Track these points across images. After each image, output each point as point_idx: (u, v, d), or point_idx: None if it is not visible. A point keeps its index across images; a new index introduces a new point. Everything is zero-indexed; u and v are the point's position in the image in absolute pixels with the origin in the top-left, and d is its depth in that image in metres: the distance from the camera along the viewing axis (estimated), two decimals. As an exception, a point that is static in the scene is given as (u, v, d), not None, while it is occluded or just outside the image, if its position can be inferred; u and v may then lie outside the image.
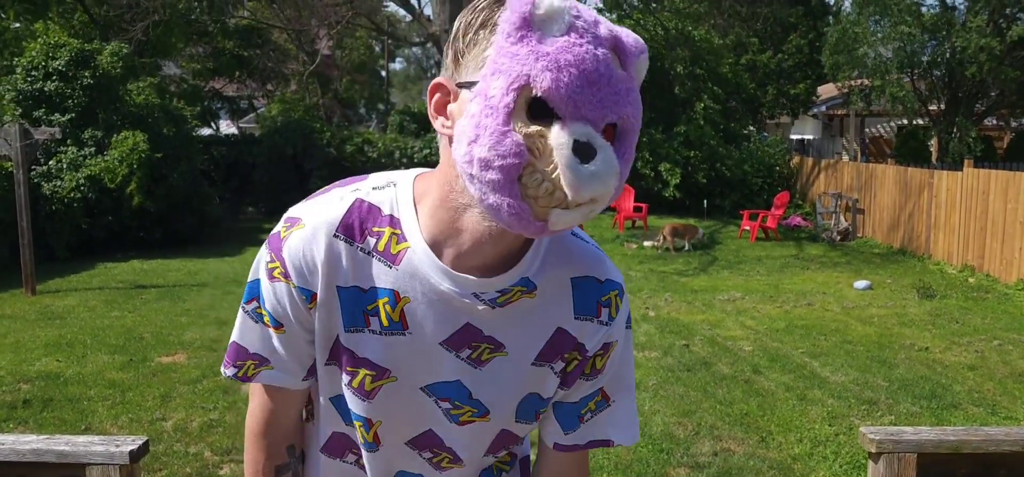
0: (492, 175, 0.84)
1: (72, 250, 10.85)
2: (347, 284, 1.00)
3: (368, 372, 1.03)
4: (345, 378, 1.05)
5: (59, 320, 7.14)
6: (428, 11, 13.93)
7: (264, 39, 17.17)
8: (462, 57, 0.90)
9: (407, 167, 16.89)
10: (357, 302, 1.01)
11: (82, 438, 1.69)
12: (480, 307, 0.99)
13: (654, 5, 16.30)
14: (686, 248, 11.52)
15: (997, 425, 4.63)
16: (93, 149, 11.11)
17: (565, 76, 0.82)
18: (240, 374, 1.06)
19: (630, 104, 0.87)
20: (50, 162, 10.94)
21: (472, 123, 0.85)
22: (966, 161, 10.25)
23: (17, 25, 14.15)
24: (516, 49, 0.84)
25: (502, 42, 0.85)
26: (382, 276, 1.00)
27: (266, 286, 1.02)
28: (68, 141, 11.03)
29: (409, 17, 15.80)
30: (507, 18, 0.85)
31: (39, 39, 11.57)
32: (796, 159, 17.20)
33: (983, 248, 9.42)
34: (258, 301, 1.04)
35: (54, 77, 11.10)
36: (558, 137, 0.82)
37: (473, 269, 0.97)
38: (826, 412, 4.77)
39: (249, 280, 1.06)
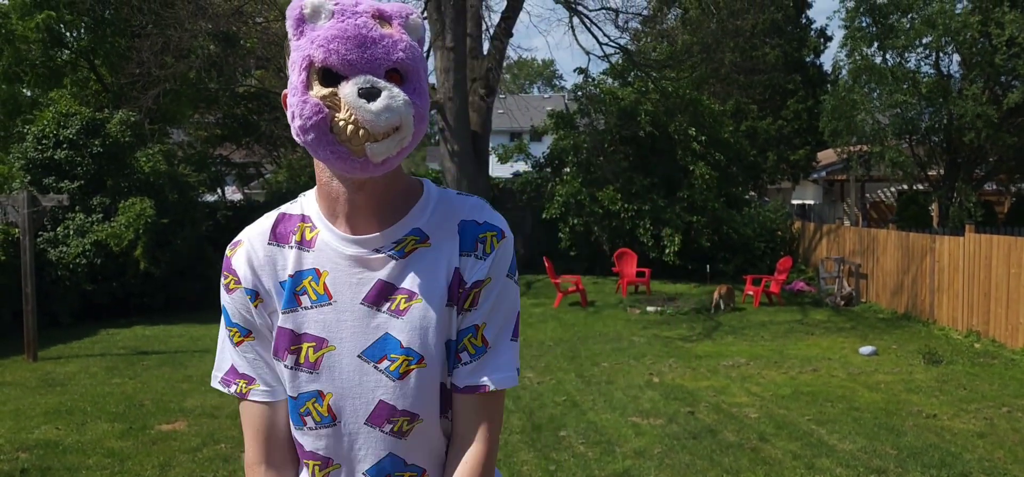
0: (311, 136, 1.08)
1: (75, 316, 10.85)
2: (283, 278, 1.21)
3: (309, 344, 1.19)
4: (289, 360, 1.19)
5: (60, 387, 7.10)
6: (432, 79, 14.16)
7: (273, 105, 17.42)
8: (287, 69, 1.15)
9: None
10: (290, 289, 1.20)
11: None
12: (385, 260, 1.19)
13: (655, 75, 16.57)
14: (730, 308, 12.03)
15: (1008, 495, 4.56)
16: (100, 216, 11.20)
17: (334, 45, 1.07)
18: (236, 391, 1.24)
19: (401, 51, 1.11)
20: (57, 228, 11.02)
21: (289, 109, 1.12)
22: (967, 226, 10.28)
23: (29, 93, 14.40)
24: (299, 42, 1.11)
25: (292, 44, 1.12)
26: (304, 261, 1.21)
27: (227, 301, 1.23)
28: (76, 208, 11.13)
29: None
30: (288, 26, 1.12)
31: (50, 108, 11.76)
32: (797, 224, 17.26)
33: (987, 313, 9.38)
34: (225, 321, 1.24)
35: (64, 145, 11.25)
36: (344, 89, 1.07)
37: (367, 229, 1.19)
38: (834, 481, 4.69)
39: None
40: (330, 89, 1.08)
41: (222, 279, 1.24)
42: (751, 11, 17.01)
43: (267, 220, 1.25)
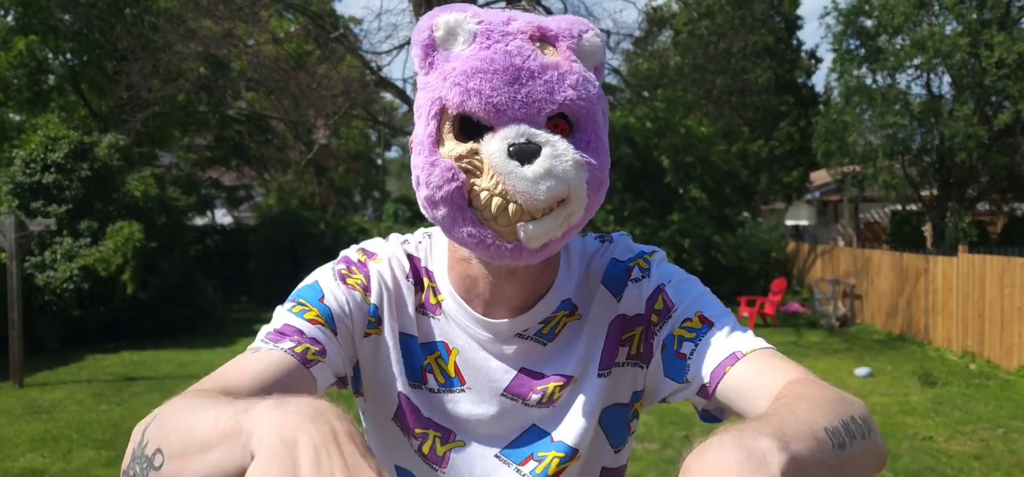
0: (441, 211, 0.80)
1: (62, 341, 10.71)
2: (406, 331, 0.96)
3: (435, 434, 0.95)
4: (414, 443, 0.96)
5: (46, 414, 6.98)
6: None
7: (263, 127, 17.42)
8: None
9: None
10: (413, 355, 0.95)
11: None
12: (530, 345, 0.94)
13: (645, 95, 16.61)
14: None
15: (1009, 519, 4.49)
16: (89, 240, 11.10)
17: (475, 82, 0.77)
18: (300, 350, 0.85)
19: (570, 87, 0.80)
20: (45, 253, 10.92)
21: (413, 171, 0.83)
22: (961, 247, 10.28)
23: (17, 118, 14.33)
24: (428, 79, 0.82)
25: (420, 80, 0.83)
26: (431, 329, 0.96)
27: (333, 287, 0.92)
28: (64, 232, 11.04)
29: (405, 107, 16.09)
30: (414, 54, 0.84)
31: (38, 132, 11.70)
32: (791, 245, 17.26)
33: (982, 334, 9.35)
34: (307, 301, 0.91)
35: (52, 169, 11.17)
36: (489, 146, 0.77)
37: (506, 313, 0.93)
38: (832, 507, 4.61)
39: (302, 287, 0.94)
40: (469, 145, 0.79)
41: (340, 265, 0.96)
42: (742, 33, 17.10)
43: (399, 247, 0.99)
